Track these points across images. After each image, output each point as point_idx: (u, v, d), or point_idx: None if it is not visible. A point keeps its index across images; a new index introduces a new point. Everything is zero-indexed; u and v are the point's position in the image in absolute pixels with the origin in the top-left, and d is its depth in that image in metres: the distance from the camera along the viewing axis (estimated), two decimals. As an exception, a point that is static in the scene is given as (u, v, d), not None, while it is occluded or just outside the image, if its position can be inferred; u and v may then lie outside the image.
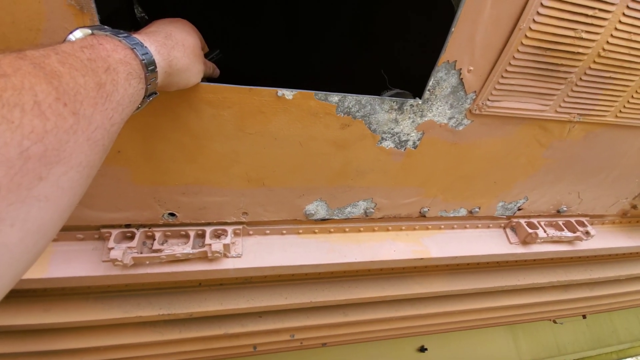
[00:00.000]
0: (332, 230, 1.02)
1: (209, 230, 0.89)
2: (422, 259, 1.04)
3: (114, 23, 1.18)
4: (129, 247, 0.83)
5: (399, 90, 0.81)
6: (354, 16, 1.58)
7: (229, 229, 0.90)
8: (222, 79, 0.73)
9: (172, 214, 0.85)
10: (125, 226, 0.86)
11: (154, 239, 0.87)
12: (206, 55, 0.72)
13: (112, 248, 0.82)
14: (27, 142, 0.28)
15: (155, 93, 0.52)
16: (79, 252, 0.87)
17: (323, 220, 0.98)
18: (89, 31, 0.45)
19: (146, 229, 0.87)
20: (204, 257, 0.88)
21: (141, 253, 0.84)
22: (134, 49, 0.45)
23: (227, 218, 0.89)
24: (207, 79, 0.71)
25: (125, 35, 0.46)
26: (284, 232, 0.98)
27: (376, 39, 1.43)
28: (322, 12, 1.84)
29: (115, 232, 0.85)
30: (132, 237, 0.86)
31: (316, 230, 1.00)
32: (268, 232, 0.97)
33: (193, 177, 0.78)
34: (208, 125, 0.70)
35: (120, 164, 0.73)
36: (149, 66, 0.47)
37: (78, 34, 0.44)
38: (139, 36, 0.49)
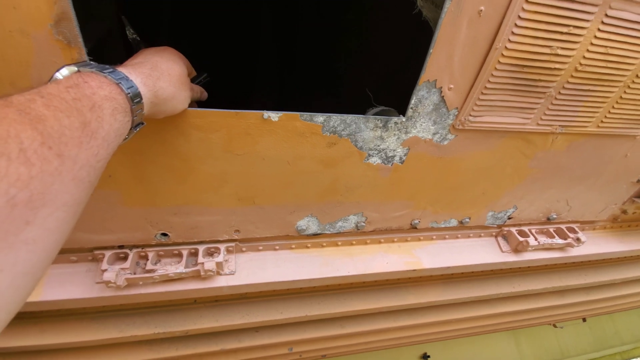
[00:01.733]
0: (324, 244, 1.03)
1: (201, 248, 0.90)
2: (414, 270, 1.05)
3: (107, 45, 1.20)
4: (122, 268, 0.84)
5: (383, 108, 0.83)
6: (342, 34, 1.61)
7: (222, 246, 0.92)
8: (210, 99, 0.75)
9: (164, 234, 0.86)
10: (118, 247, 0.87)
11: (147, 259, 0.88)
12: (194, 79, 0.74)
13: (106, 270, 0.83)
14: (13, 190, 0.29)
15: (143, 123, 0.54)
16: (73, 275, 0.88)
17: (315, 235, 0.99)
18: (75, 68, 0.47)
19: (139, 250, 0.88)
20: (197, 276, 0.89)
21: (134, 274, 0.85)
22: (119, 84, 0.47)
23: (220, 236, 0.90)
24: (195, 102, 0.73)
25: (111, 70, 0.48)
26: (277, 247, 0.99)
27: (362, 54, 1.45)
28: (310, 32, 1.88)
29: (108, 253, 0.86)
30: (125, 258, 0.87)
31: (309, 245, 1.02)
32: (261, 248, 0.98)
33: (184, 197, 0.80)
34: (196, 148, 0.71)
35: (112, 188, 0.74)
36: (135, 99, 0.49)
37: (64, 71, 0.46)
38: (124, 69, 0.51)
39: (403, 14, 0.92)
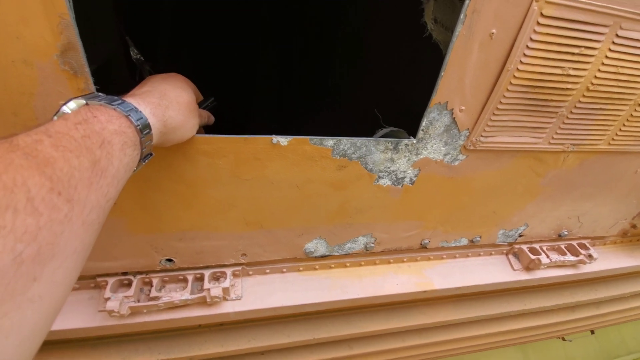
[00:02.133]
0: (332, 265, 1.00)
1: (207, 273, 0.87)
2: (425, 291, 1.02)
3: (112, 66, 1.19)
4: (125, 296, 0.81)
5: (392, 128, 0.81)
6: (351, 53, 1.61)
7: (228, 271, 0.89)
8: (216, 124, 0.74)
9: (169, 260, 0.84)
10: (122, 274, 0.84)
11: (152, 286, 0.85)
12: (201, 104, 0.73)
13: (109, 298, 0.80)
14: (20, 245, 0.27)
15: (151, 154, 0.52)
16: (75, 303, 0.85)
17: (323, 257, 0.96)
18: (83, 101, 0.45)
19: (143, 276, 0.85)
20: (203, 302, 0.86)
21: (138, 301, 0.83)
22: (129, 116, 0.46)
23: (226, 260, 0.88)
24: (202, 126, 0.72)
25: (120, 101, 0.47)
26: (284, 270, 0.97)
27: (372, 75, 1.45)
28: (318, 51, 1.88)
29: (111, 280, 0.83)
30: (129, 285, 0.84)
31: (317, 267, 0.99)
32: (268, 271, 0.95)
33: (190, 223, 0.78)
34: (203, 173, 0.70)
35: (116, 215, 0.72)
36: (144, 130, 0.47)
37: (72, 105, 0.45)
38: (133, 100, 0.49)
39: (406, 28, 0.92)
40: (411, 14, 0.68)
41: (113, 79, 1.14)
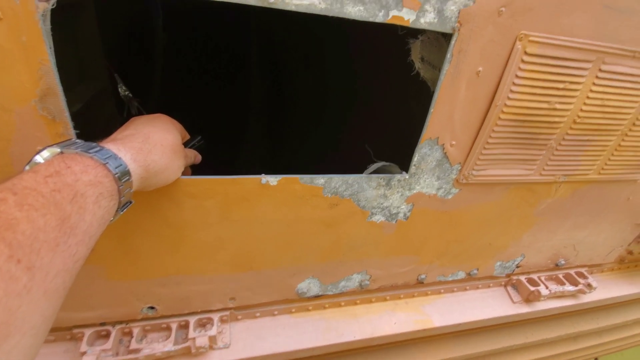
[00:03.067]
0: (327, 305, 0.95)
1: (192, 320, 0.82)
2: (424, 329, 0.98)
3: (100, 103, 1.18)
4: (103, 350, 0.74)
5: (384, 163, 0.80)
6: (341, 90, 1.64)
7: (215, 316, 0.83)
8: (203, 159, 0.72)
9: (151, 308, 0.78)
10: (100, 324, 0.78)
11: (132, 336, 0.79)
12: (187, 143, 0.71)
13: (85, 352, 0.74)
14: None
15: (131, 202, 0.49)
16: (49, 356, 0.78)
17: (317, 296, 0.92)
18: (58, 150, 0.43)
19: (123, 326, 0.79)
20: (187, 353, 0.80)
21: (117, 354, 0.76)
22: (107, 164, 0.43)
23: (213, 305, 0.83)
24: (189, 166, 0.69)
25: (97, 149, 0.44)
26: (276, 312, 0.91)
27: (362, 110, 1.46)
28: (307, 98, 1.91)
29: (88, 332, 0.77)
30: (107, 336, 0.78)
31: (310, 308, 0.94)
32: (258, 314, 0.90)
33: (174, 267, 0.73)
34: (190, 216, 0.66)
35: (94, 262, 0.68)
36: (123, 178, 0.45)
37: (45, 154, 0.42)
38: (113, 145, 0.47)
39: (396, 65, 0.93)
40: (400, 52, 0.69)
41: (100, 115, 1.12)
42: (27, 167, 0.41)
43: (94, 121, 1.11)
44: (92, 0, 1.02)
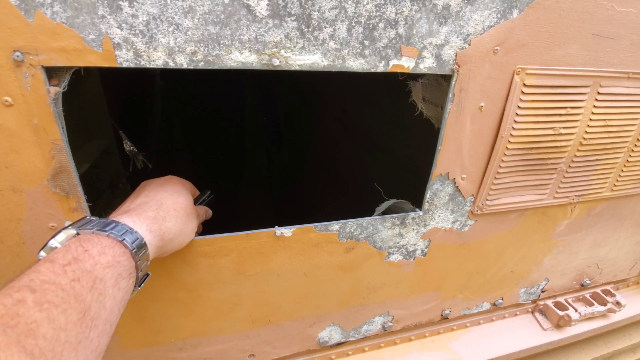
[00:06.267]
0: (350, 352, 0.91)
1: (212, 383, 0.77)
2: (455, 369, 0.92)
3: (104, 160, 1.19)
4: None
5: (396, 200, 0.79)
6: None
7: (236, 376, 0.79)
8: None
9: (169, 374, 0.74)
10: (115, 398, 0.74)
11: (150, 408, 0.74)
12: (197, 199, 0.70)
13: None
14: None
15: (148, 275, 0.48)
16: None
17: (339, 344, 0.88)
18: (73, 231, 0.42)
19: (140, 397, 0.75)
20: (209, 421, 0.75)
21: None
22: (123, 240, 0.42)
23: (232, 365, 0.79)
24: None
25: (113, 225, 0.44)
26: (297, 365, 0.87)
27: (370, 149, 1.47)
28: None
29: (103, 408, 0.72)
30: (123, 411, 0.73)
31: (333, 357, 0.89)
32: (279, 369, 0.85)
33: (190, 330, 0.71)
34: (205, 276, 0.65)
35: (109, 333, 0.65)
36: (140, 252, 0.44)
37: (61, 237, 0.41)
38: (128, 218, 0.47)
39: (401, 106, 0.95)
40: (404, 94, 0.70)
41: (107, 171, 1.13)
42: (42, 253, 0.40)
43: (101, 179, 1.12)
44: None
